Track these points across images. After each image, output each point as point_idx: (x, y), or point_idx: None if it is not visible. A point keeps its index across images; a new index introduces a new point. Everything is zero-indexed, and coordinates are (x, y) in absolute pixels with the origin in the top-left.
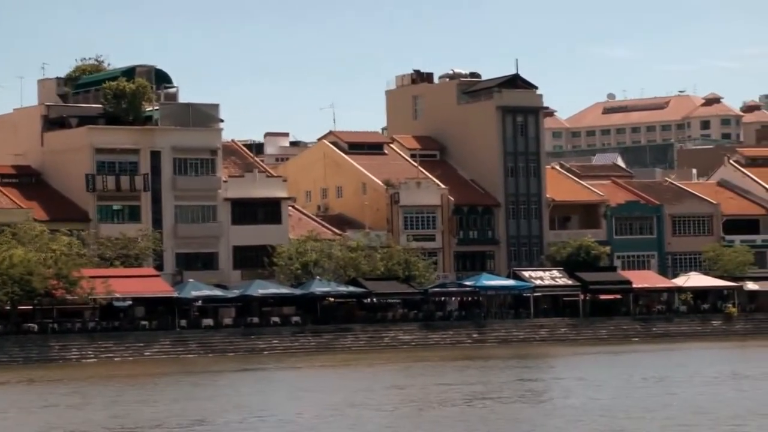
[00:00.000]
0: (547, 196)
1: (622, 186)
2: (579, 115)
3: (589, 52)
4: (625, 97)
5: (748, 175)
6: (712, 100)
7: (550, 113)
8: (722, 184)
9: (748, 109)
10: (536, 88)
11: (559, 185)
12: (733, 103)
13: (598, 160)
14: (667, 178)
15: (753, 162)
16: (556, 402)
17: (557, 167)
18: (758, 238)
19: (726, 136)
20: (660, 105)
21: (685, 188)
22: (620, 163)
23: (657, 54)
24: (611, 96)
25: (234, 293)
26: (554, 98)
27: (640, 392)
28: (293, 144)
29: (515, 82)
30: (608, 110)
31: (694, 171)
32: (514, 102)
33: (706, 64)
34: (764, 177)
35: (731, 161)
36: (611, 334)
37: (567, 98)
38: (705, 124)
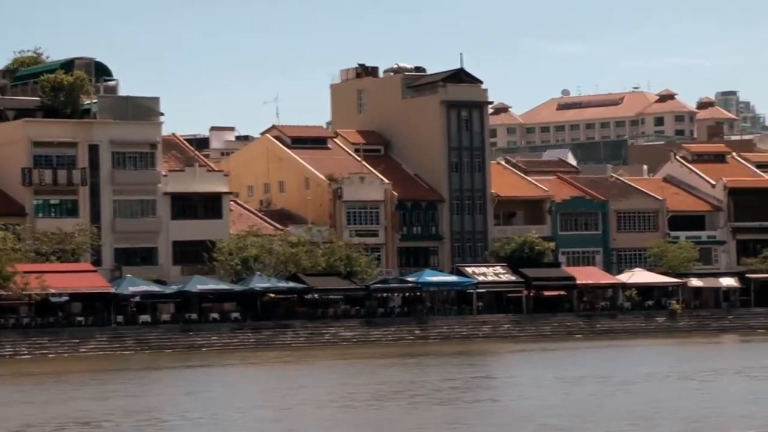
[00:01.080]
0: (492, 191)
1: (567, 182)
2: (533, 111)
3: (545, 48)
4: (580, 93)
5: (695, 171)
6: (666, 97)
7: (505, 109)
8: (668, 180)
9: (702, 105)
10: (481, 82)
11: (504, 181)
12: (689, 100)
13: (549, 155)
14: (613, 174)
15: (699, 158)
16: (472, 401)
17: (502, 162)
18: (703, 235)
19: (680, 132)
20: (614, 101)
21: (631, 184)
22: (571, 159)
23: (613, 50)
24: (566, 92)
25: (172, 289)
26: (509, 94)
27: (555, 392)
28: (239, 138)
29: (460, 76)
30: (562, 106)
31: (645, 167)
32: (458, 96)
33: (666, 62)
34: (710, 173)
35: (677, 157)
36: (554, 330)
37: (522, 94)
38: (659, 121)
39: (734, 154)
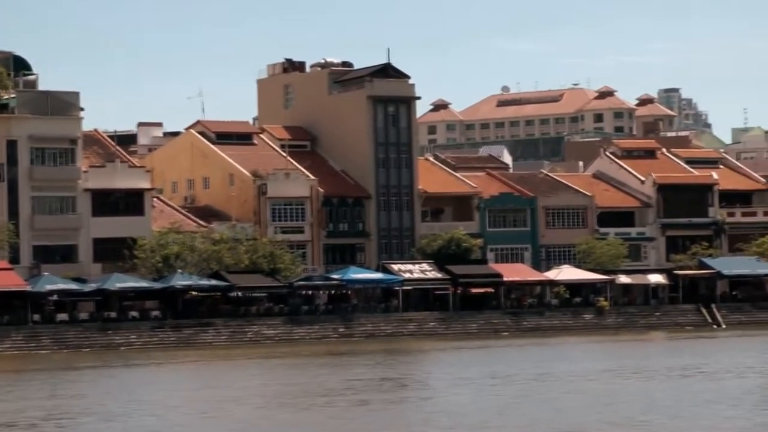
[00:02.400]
0: (419, 187)
1: (496, 178)
2: (473, 108)
3: (486, 45)
4: (520, 90)
5: (624, 167)
6: (606, 94)
7: (445, 106)
8: (598, 176)
9: (642, 102)
10: (408, 77)
11: (432, 177)
12: (632, 97)
13: (485, 152)
14: (543, 170)
15: (629, 154)
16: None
17: (430, 159)
18: (633, 231)
19: (619, 129)
20: (554, 98)
21: (560, 180)
22: (506, 155)
23: (555, 48)
24: (506, 89)
25: (91, 287)
26: (450, 91)
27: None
28: (167, 134)
29: (387, 71)
30: (502, 103)
31: (581, 163)
32: (385, 92)
33: (609, 60)
34: (640, 169)
35: (607, 153)
36: (481, 328)
37: (463, 91)
38: (598, 118)
39: (664, 150)
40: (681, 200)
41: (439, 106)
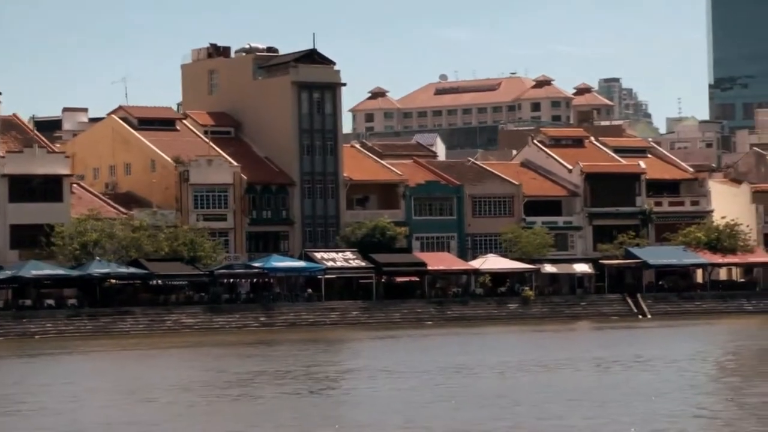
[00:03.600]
0: (345, 175)
1: (423, 166)
2: (410, 96)
3: (425, 33)
4: (458, 78)
5: (552, 156)
6: (543, 83)
7: (382, 93)
8: (526, 164)
9: (580, 91)
10: (334, 63)
11: (358, 164)
12: (572, 87)
13: (418, 140)
14: (470, 158)
15: (557, 143)
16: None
17: (357, 146)
18: (560, 220)
19: (556, 118)
20: (491, 87)
21: (487, 168)
22: (439, 143)
23: (497, 36)
24: (443, 77)
25: (6, 274)
26: (387, 79)
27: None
28: (93, 120)
29: (312, 57)
30: (440, 91)
31: (515, 152)
32: (310, 78)
33: (550, 49)
34: (568, 158)
35: (535, 141)
36: (404, 317)
37: (401, 79)
38: (535, 106)
39: (592, 138)
40: (608, 189)
41: (377, 94)
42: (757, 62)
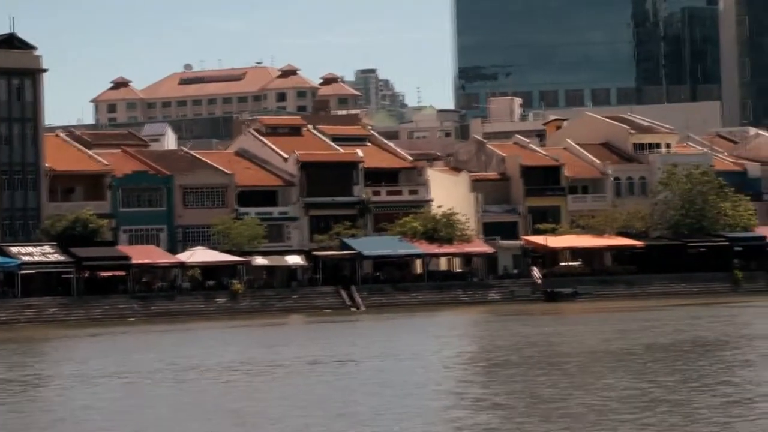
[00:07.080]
0: (47, 165)
1: (132, 155)
2: (154, 86)
3: (169, 22)
4: (204, 68)
5: (268, 145)
6: (289, 72)
7: (125, 83)
8: (240, 153)
9: (326, 81)
10: (35, 48)
11: (62, 154)
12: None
13: (148, 131)
14: (183, 148)
15: (274, 131)
16: None
17: (62, 135)
18: (275, 210)
19: (302, 108)
20: (237, 76)
21: (199, 158)
22: (170, 133)
23: (248, 26)
24: (188, 67)
25: None
26: (131, 69)
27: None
28: None
29: (12, 41)
30: (185, 81)
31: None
32: (9, 63)
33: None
34: (284, 146)
35: (250, 130)
36: (106, 314)
37: (145, 69)
38: (281, 96)
39: (310, 127)
40: (325, 179)
41: (120, 84)
42: (501, 53)
